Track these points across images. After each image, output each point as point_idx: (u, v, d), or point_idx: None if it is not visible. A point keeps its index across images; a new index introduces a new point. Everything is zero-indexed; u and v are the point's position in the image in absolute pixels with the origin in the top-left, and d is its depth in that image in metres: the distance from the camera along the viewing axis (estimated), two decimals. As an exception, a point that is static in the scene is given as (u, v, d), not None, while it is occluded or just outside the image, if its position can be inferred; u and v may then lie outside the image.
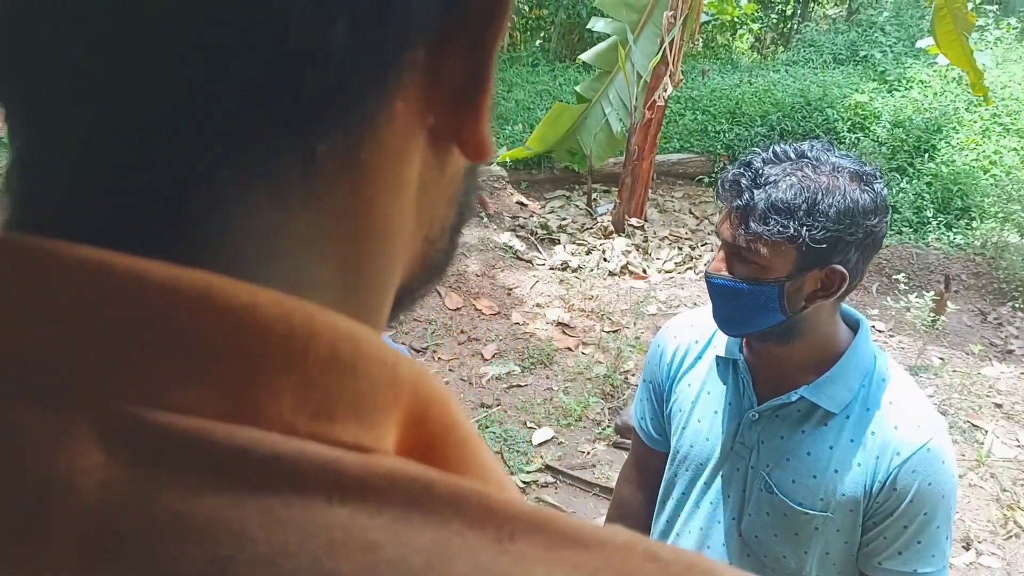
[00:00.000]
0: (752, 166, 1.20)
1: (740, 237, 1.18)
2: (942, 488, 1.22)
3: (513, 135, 7.57)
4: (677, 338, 1.46)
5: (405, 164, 0.30)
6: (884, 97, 8.17)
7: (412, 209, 0.32)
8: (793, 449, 1.29)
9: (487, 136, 0.32)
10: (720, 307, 1.27)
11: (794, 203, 1.14)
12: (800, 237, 1.14)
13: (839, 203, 1.14)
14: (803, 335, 1.25)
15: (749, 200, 1.16)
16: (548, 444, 3.97)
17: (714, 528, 1.39)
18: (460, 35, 0.29)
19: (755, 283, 1.20)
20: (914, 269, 5.85)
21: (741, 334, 1.31)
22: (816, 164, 1.18)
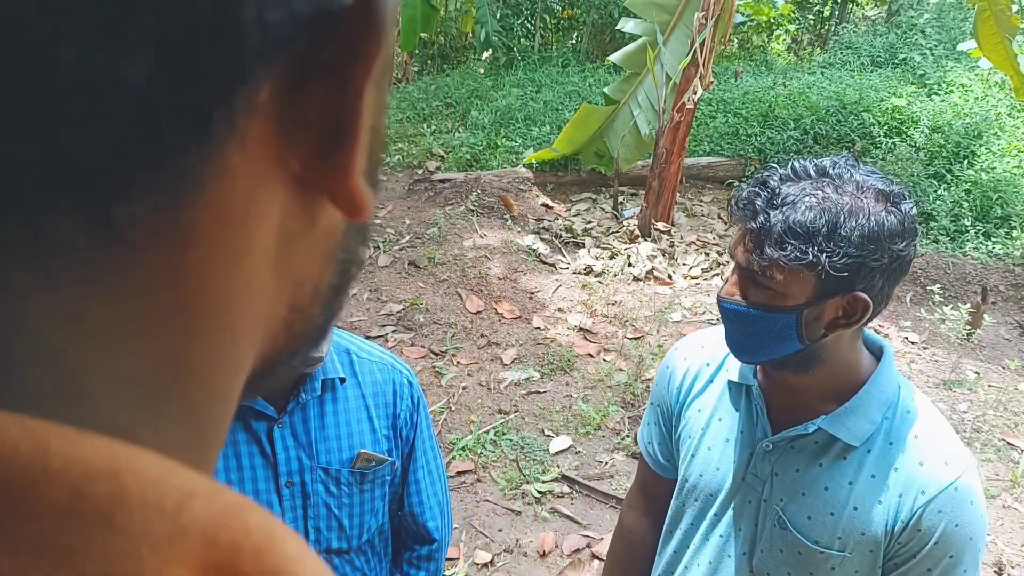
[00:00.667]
0: (768, 185, 1.10)
1: (755, 262, 1.10)
2: (970, 530, 1.13)
3: (540, 136, 7.49)
4: (687, 360, 1.38)
5: (252, 223, 0.25)
6: (923, 101, 7.96)
7: (268, 273, 0.26)
8: (809, 483, 1.20)
9: (360, 191, 0.26)
10: (733, 333, 1.19)
11: (814, 226, 1.05)
12: (820, 264, 1.05)
13: (863, 226, 1.04)
14: (822, 363, 1.16)
15: (764, 222, 1.07)
16: (565, 453, 3.89)
17: (724, 563, 1.31)
18: (323, 70, 0.25)
19: (770, 310, 1.11)
20: (950, 280, 5.67)
21: (755, 362, 1.23)
22: (838, 183, 1.08)
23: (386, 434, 1.46)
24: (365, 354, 1.49)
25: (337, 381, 1.42)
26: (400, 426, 1.48)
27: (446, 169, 7.01)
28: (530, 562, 3.23)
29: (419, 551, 1.57)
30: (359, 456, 1.41)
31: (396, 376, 1.49)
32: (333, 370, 1.41)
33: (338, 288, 0.31)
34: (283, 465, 1.37)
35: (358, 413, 1.43)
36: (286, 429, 1.38)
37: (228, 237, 0.24)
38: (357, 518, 1.44)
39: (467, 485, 3.66)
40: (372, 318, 4.89)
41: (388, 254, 5.49)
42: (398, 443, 1.48)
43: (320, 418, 1.40)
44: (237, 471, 1.36)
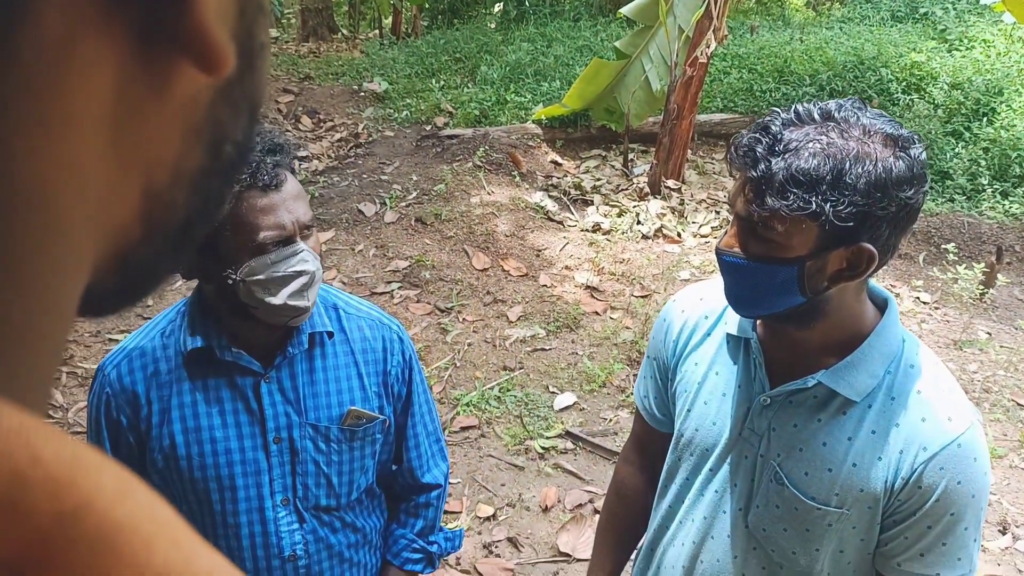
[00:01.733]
0: (770, 130, 1.04)
1: (755, 212, 1.04)
2: (972, 487, 1.09)
3: (550, 92, 7.37)
4: (685, 312, 1.34)
5: (69, 88, 0.20)
6: (943, 57, 7.76)
7: (101, 152, 0.21)
8: (807, 439, 1.17)
9: (211, 32, 0.21)
10: (732, 286, 1.15)
11: (817, 174, 0.99)
12: (823, 214, 0.99)
13: (870, 173, 0.99)
14: (824, 317, 1.12)
15: (766, 170, 1.02)
16: (570, 410, 3.89)
17: (719, 518, 1.28)
18: None
19: (771, 262, 1.06)
20: (965, 239, 5.58)
21: (755, 316, 1.19)
22: (844, 127, 1.02)
23: (376, 391, 1.43)
24: (353, 310, 1.46)
25: (325, 336, 1.39)
26: (391, 383, 1.46)
27: (454, 125, 6.93)
28: (532, 516, 3.24)
29: (416, 499, 1.56)
30: (349, 413, 1.39)
31: (386, 332, 1.46)
32: (321, 323, 1.38)
33: (210, 172, 0.26)
34: (271, 421, 1.35)
35: (347, 370, 1.41)
36: (273, 384, 1.35)
37: (35, 107, 0.20)
38: (346, 476, 1.42)
39: (471, 440, 3.66)
40: (378, 274, 4.86)
41: (395, 210, 5.44)
42: (390, 400, 1.46)
43: (309, 374, 1.38)
44: (222, 428, 1.34)
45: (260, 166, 1.21)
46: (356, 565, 1.49)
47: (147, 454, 1.34)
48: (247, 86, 0.26)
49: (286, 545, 1.38)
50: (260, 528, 1.36)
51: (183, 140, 0.24)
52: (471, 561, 3.01)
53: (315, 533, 1.40)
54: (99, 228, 0.23)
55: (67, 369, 3.86)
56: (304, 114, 7.28)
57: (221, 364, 1.33)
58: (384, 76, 8.14)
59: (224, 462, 1.33)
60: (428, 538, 1.57)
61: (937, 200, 6.05)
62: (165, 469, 1.33)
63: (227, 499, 1.34)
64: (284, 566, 1.38)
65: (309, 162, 6.37)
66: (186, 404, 1.32)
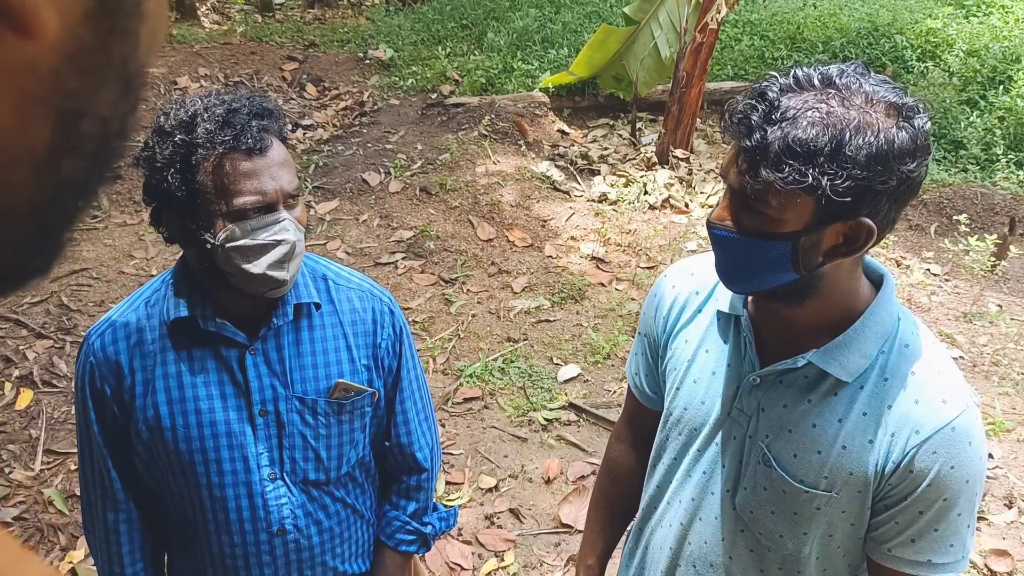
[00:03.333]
0: (767, 97, 0.99)
1: (748, 184, 0.99)
2: (967, 472, 1.06)
3: (558, 59, 7.26)
4: (676, 288, 1.31)
5: None
6: (959, 23, 7.58)
7: None
8: (797, 420, 1.14)
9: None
10: (723, 260, 1.11)
11: (815, 145, 0.94)
12: (820, 187, 0.94)
13: (871, 144, 0.93)
14: (817, 294, 1.08)
15: (761, 139, 0.97)
16: (574, 381, 3.87)
17: (707, 499, 1.26)
18: None
19: (764, 237, 1.02)
20: (977, 210, 5.49)
21: (746, 292, 1.16)
22: (845, 94, 0.96)
23: (366, 364, 1.41)
24: (343, 281, 1.43)
25: (312, 307, 1.37)
26: (381, 356, 1.43)
27: (460, 93, 6.84)
28: (535, 488, 3.25)
29: (408, 482, 1.55)
30: (336, 386, 1.36)
31: (376, 304, 1.43)
32: (307, 295, 1.35)
33: (65, 150, 0.23)
34: (256, 393, 1.33)
35: (335, 342, 1.38)
36: (259, 356, 1.33)
37: None
38: (335, 449, 1.40)
39: (474, 412, 3.66)
40: (382, 244, 4.84)
41: (399, 180, 5.40)
42: (380, 373, 1.44)
43: (296, 345, 1.35)
44: (207, 399, 1.32)
45: (244, 129, 1.18)
46: (347, 540, 1.48)
47: (132, 425, 1.33)
48: (112, 53, 0.23)
49: (275, 520, 1.36)
50: (248, 502, 1.35)
51: (18, 112, 0.21)
52: (473, 532, 3.02)
53: (304, 508, 1.39)
54: None
55: (71, 339, 3.87)
56: (309, 82, 7.21)
57: (206, 335, 1.30)
58: (390, 43, 8.04)
59: (209, 434, 1.31)
60: (422, 519, 1.56)
61: (950, 170, 5.95)
62: (150, 440, 1.32)
63: (213, 472, 1.33)
64: (273, 540, 1.37)
65: (314, 131, 6.32)
66: (170, 375, 1.31)
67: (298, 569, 1.41)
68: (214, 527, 1.36)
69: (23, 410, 3.47)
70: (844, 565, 1.21)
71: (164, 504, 1.42)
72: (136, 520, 1.40)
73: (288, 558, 1.39)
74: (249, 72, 7.20)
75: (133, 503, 1.40)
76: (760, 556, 1.23)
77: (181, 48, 7.44)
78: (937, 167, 5.95)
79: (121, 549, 1.40)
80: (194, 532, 1.39)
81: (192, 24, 8.63)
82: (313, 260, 1.43)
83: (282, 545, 1.38)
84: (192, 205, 1.19)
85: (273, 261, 1.21)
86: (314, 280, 1.39)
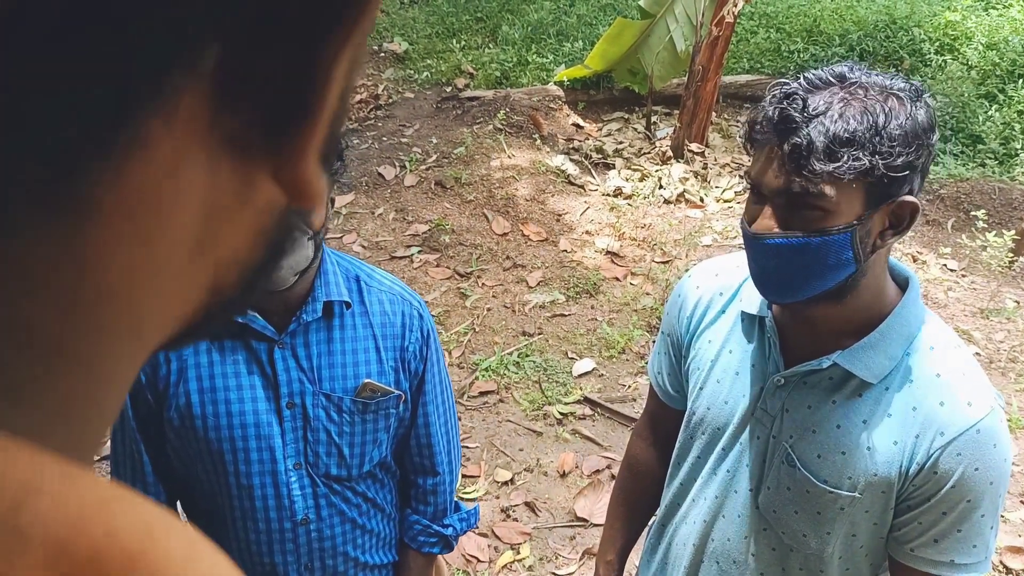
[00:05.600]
0: (795, 98, 1.01)
1: (797, 182, 1.00)
2: (991, 474, 1.07)
3: (573, 53, 7.25)
4: (700, 288, 1.32)
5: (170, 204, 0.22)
6: (979, 15, 7.51)
7: (186, 256, 0.23)
8: (821, 421, 1.15)
9: (312, 177, 0.23)
10: (775, 271, 1.07)
11: (859, 131, 0.98)
12: (876, 168, 0.98)
13: (904, 124, 0.99)
14: (856, 291, 1.09)
15: (806, 136, 0.99)
16: (588, 376, 3.88)
17: (730, 498, 1.28)
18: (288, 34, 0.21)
19: (824, 234, 1.02)
20: (995, 205, 5.45)
21: (798, 299, 1.10)
22: (866, 85, 1.01)
23: (393, 366, 1.43)
24: (375, 283, 1.46)
25: (342, 306, 1.39)
26: (408, 359, 1.45)
27: (475, 86, 6.84)
28: (550, 481, 3.27)
29: (425, 486, 1.57)
30: (364, 386, 1.39)
31: (406, 308, 1.46)
32: (337, 293, 1.38)
33: (264, 267, 0.27)
34: (284, 387, 1.36)
35: (365, 342, 1.41)
36: (287, 351, 1.36)
37: (139, 218, 0.21)
38: (358, 448, 1.43)
39: (489, 405, 3.68)
40: (398, 238, 4.86)
41: (414, 174, 5.42)
42: (406, 375, 1.46)
43: (327, 343, 1.38)
44: (237, 390, 1.35)
45: None
46: (369, 532, 1.50)
47: (164, 412, 1.37)
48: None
49: (299, 509, 1.40)
50: (273, 491, 1.38)
51: (252, 242, 0.25)
52: (488, 525, 3.04)
53: (328, 499, 1.42)
54: (169, 322, 0.24)
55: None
56: (324, 75, 7.23)
57: (238, 327, 1.34)
58: (404, 36, 8.04)
59: (237, 423, 1.35)
60: (442, 521, 1.58)
61: (968, 165, 5.90)
62: (181, 428, 1.36)
63: (240, 460, 1.37)
64: (296, 529, 1.41)
65: (329, 124, 6.35)
66: (202, 364, 1.35)
67: (320, 558, 1.45)
68: (240, 514, 1.40)
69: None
70: (867, 565, 1.22)
71: (192, 491, 1.46)
72: (165, 506, 1.42)
73: (311, 547, 1.43)
74: (264, 65, 7.23)
75: (163, 488, 1.45)
76: (782, 555, 1.24)
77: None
78: (955, 161, 5.91)
79: None
80: (220, 520, 1.42)
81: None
82: (347, 261, 1.46)
83: (305, 534, 1.42)
84: None
85: None
86: (347, 280, 1.42)
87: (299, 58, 0.21)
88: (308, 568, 1.44)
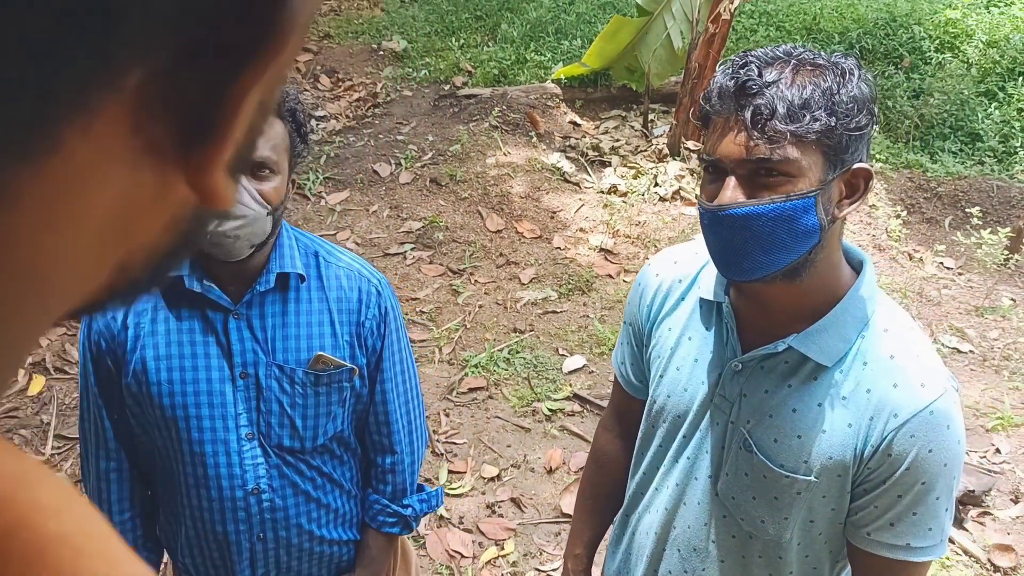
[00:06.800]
0: (750, 67, 1.02)
1: (761, 145, 1.00)
2: (944, 456, 1.06)
3: (571, 51, 7.24)
4: (659, 276, 1.31)
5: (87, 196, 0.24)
6: (980, 13, 7.47)
7: (97, 241, 0.26)
8: (777, 405, 1.14)
9: (218, 186, 0.26)
10: (740, 246, 1.04)
11: (817, 96, 1.00)
12: (836, 129, 0.99)
13: (853, 92, 1.01)
14: (813, 267, 1.08)
15: (769, 100, 0.99)
16: (579, 372, 3.87)
17: (691, 485, 1.27)
18: (208, 63, 0.24)
19: (790, 199, 1.01)
20: (993, 203, 5.42)
21: (760, 276, 1.06)
22: (811, 60, 1.03)
23: (348, 340, 1.45)
24: (333, 259, 1.48)
25: (298, 279, 1.41)
26: (365, 335, 1.47)
27: (473, 84, 6.84)
28: (537, 477, 3.26)
29: (383, 464, 1.58)
30: (317, 358, 1.41)
31: (364, 284, 1.47)
32: (292, 265, 1.40)
33: (174, 254, 0.29)
34: (237, 356, 1.38)
35: (320, 316, 1.43)
36: (242, 321, 1.39)
37: (53, 209, 0.23)
38: (311, 420, 1.44)
39: (478, 402, 3.67)
40: (391, 235, 4.86)
41: (410, 171, 5.41)
42: (363, 351, 1.47)
43: (281, 315, 1.41)
44: (192, 358, 1.38)
45: None
46: (325, 507, 1.52)
47: (122, 378, 1.40)
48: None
49: (250, 478, 1.42)
50: (225, 459, 1.41)
51: (164, 231, 0.28)
52: (474, 520, 3.03)
53: (280, 470, 1.44)
54: (73, 295, 0.27)
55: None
56: (323, 73, 7.23)
57: (195, 296, 1.37)
58: (404, 34, 8.05)
59: (191, 391, 1.38)
60: (402, 502, 1.59)
61: (966, 163, 5.87)
62: (138, 394, 1.39)
63: (193, 427, 1.39)
64: (248, 498, 1.43)
65: (327, 122, 6.35)
66: (159, 332, 1.38)
67: (272, 528, 1.47)
68: (193, 481, 1.43)
69: (35, 396, 3.53)
70: (825, 551, 1.21)
71: (151, 458, 1.49)
72: (127, 471, 1.48)
73: (263, 516, 1.45)
74: (263, 63, 7.24)
75: (125, 454, 1.47)
76: (742, 542, 1.23)
77: (196, 40, 7.49)
78: (953, 159, 5.88)
79: (111, 497, 1.48)
80: (176, 485, 1.45)
81: (208, 16, 8.67)
82: (308, 237, 1.48)
83: (257, 504, 1.44)
84: None
85: None
86: (304, 255, 1.44)
87: (212, 88, 0.24)
88: (261, 539, 1.47)
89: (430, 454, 3.33)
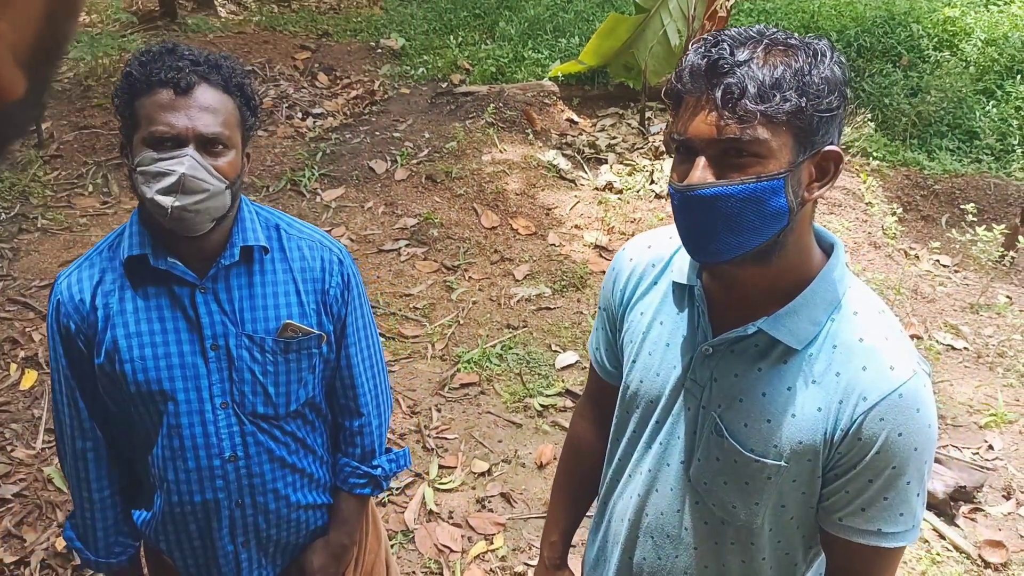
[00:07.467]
0: (721, 47, 1.01)
1: (731, 125, 0.98)
2: (914, 439, 1.05)
3: (569, 48, 7.23)
4: (633, 260, 1.30)
5: None
6: (978, 12, 7.46)
7: None
8: (747, 389, 1.13)
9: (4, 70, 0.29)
10: (709, 228, 1.03)
11: (787, 76, 0.98)
12: (806, 110, 0.98)
13: (827, 74, 1.00)
14: (783, 250, 1.07)
15: (740, 78, 0.98)
16: (571, 368, 3.86)
17: (663, 471, 1.26)
18: None
19: (759, 180, 1.00)
20: (990, 201, 5.41)
21: (727, 257, 1.05)
22: (783, 41, 1.02)
23: (314, 308, 1.48)
24: (294, 231, 1.51)
25: (261, 251, 1.44)
26: (330, 302, 1.50)
27: (471, 82, 6.83)
28: (527, 472, 3.25)
29: (352, 427, 1.61)
30: (285, 326, 1.44)
31: (325, 253, 1.51)
32: (255, 238, 1.43)
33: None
34: (207, 328, 1.41)
35: (286, 286, 1.46)
36: (209, 295, 1.41)
37: None
38: (283, 387, 1.47)
39: (470, 397, 3.66)
40: (386, 232, 4.85)
41: (405, 168, 5.41)
42: (329, 318, 1.51)
43: (247, 287, 1.43)
44: (162, 333, 1.40)
45: (174, 68, 1.29)
46: (300, 472, 1.55)
47: (94, 358, 1.42)
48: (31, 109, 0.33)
49: (226, 447, 1.45)
50: (201, 430, 1.44)
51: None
52: (463, 515, 3.02)
53: (255, 437, 1.47)
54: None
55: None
56: (321, 71, 7.23)
57: (160, 273, 1.39)
58: (402, 32, 8.04)
59: (164, 365, 1.40)
60: (371, 463, 1.63)
61: (963, 160, 5.86)
62: (111, 372, 1.41)
63: (168, 401, 1.42)
64: (225, 466, 1.46)
65: (323, 119, 6.34)
66: (128, 311, 1.40)
67: (250, 494, 1.50)
68: (170, 453, 1.45)
69: (27, 390, 3.52)
70: (798, 537, 1.20)
71: (128, 434, 1.51)
72: (103, 448, 1.51)
73: (240, 483, 1.48)
74: (261, 61, 7.23)
75: (100, 432, 1.49)
76: (715, 528, 1.22)
77: (195, 37, 7.49)
78: (950, 157, 5.86)
79: (89, 475, 1.50)
80: (153, 459, 1.47)
81: (208, 14, 8.66)
82: (267, 211, 1.52)
83: (234, 471, 1.47)
84: (127, 129, 1.32)
85: (161, 187, 1.28)
86: (266, 228, 1.47)
87: None
88: (239, 505, 1.49)
89: (421, 449, 3.33)
